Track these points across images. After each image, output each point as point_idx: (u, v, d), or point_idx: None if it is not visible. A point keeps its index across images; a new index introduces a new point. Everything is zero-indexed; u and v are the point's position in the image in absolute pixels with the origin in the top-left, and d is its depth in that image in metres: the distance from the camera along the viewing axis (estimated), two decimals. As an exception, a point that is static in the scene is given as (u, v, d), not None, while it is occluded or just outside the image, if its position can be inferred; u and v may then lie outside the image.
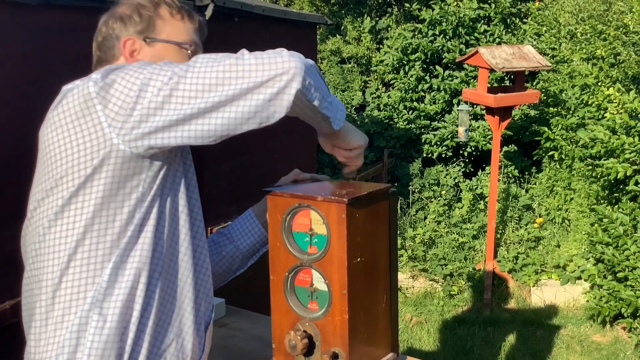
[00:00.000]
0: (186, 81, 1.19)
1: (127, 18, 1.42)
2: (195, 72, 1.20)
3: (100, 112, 1.20)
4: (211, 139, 1.22)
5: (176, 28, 1.45)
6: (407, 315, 5.60)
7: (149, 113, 1.19)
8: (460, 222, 6.64)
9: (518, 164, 7.21)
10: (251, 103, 1.20)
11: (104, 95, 1.19)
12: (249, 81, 1.19)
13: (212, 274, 1.65)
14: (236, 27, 3.15)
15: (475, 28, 7.51)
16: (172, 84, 1.19)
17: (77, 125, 1.21)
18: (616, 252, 5.08)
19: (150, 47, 1.42)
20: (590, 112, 6.22)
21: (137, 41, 1.41)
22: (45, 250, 1.27)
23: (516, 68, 5.30)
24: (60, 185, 1.24)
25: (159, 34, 1.43)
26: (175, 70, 1.20)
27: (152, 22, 1.43)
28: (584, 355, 4.96)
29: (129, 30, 1.42)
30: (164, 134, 1.20)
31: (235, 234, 1.70)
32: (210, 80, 1.19)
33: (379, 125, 7.68)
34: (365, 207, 1.49)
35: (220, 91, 1.19)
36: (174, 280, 1.36)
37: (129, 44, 1.41)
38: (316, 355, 1.53)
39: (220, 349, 1.80)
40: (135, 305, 1.28)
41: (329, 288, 1.48)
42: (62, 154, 1.23)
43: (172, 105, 1.19)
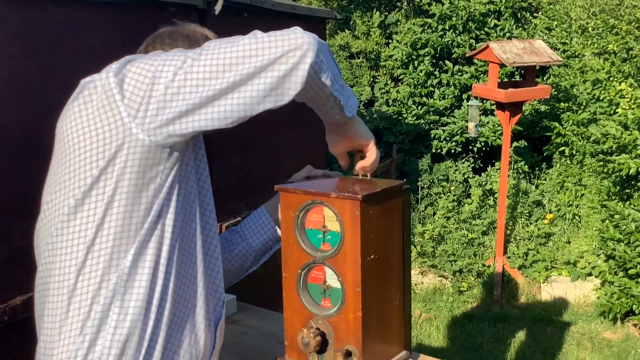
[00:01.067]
0: (200, 63, 1.18)
1: (195, 39, 1.54)
2: (210, 54, 1.19)
3: (119, 101, 1.19)
4: (229, 121, 1.21)
5: None
6: (417, 312, 5.58)
7: (166, 99, 1.18)
8: (469, 218, 6.61)
9: (528, 159, 7.17)
10: (266, 81, 1.19)
11: (122, 85, 1.19)
12: (262, 59, 1.18)
13: (225, 271, 1.64)
14: (245, 22, 3.13)
15: (486, 23, 7.46)
16: (187, 68, 1.18)
17: (97, 115, 1.20)
18: (627, 249, 5.05)
19: None
20: (601, 108, 6.17)
21: None
22: (61, 244, 1.25)
23: (527, 63, 5.26)
24: (78, 175, 1.22)
25: None
26: (188, 54, 1.20)
27: (198, 42, 1.51)
28: (594, 352, 4.93)
29: (193, 47, 1.43)
30: (183, 119, 1.19)
31: (248, 231, 1.69)
32: (225, 61, 1.18)
33: (387, 121, 7.65)
34: (379, 204, 1.47)
35: (235, 71, 1.18)
36: (187, 275, 1.35)
37: None
38: (329, 353, 1.52)
39: (232, 345, 1.78)
40: (153, 300, 1.27)
41: (342, 285, 1.47)
42: (80, 144, 1.22)
43: (188, 89, 1.18)
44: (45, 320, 1.30)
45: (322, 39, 4.53)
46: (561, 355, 4.89)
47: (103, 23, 2.37)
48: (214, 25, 2.88)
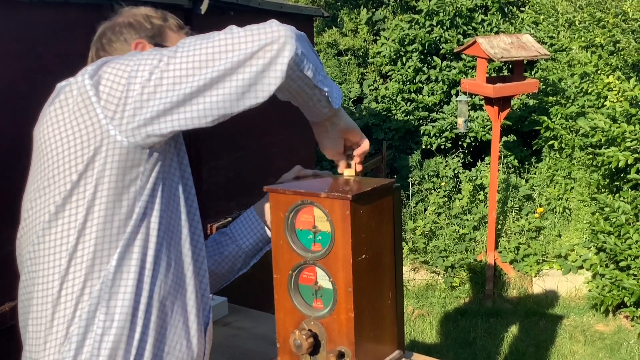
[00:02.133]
0: (176, 61, 1.16)
1: (138, 24, 1.45)
2: (185, 51, 1.17)
3: (95, 104, 1.16)
4: (208, 120, 1.19)
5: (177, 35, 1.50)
6: (409, 308, 5.58)
7: (143, 99, 1.16)
8: (460, 214, 6.62)
9: (518, 153, 7.19)
10: (244, 76, 1.16)
11: (97, 87, 1.17)
12: (239, 53, 1.16)
13: (215, 274, 1.63)
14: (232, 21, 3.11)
15: (473, 18, 7.46)
16: (163, 66, 1.16)
17: (74, 119, 1.18)
18: (618, 241, 5.07)
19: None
20: (590, 101, 6.19)
21: (147, 45, 1.43)
22: (43, 252, 1.23)
23: (515, 57, 5.26)
24: (57, 182, 1.20)
25: (167, 41, 1.46)
26: (164, 52, 1.18)
27: (163, 31, 1.47)
28: (587, 345, 4.95)
29: (139, 34, 1.44)
30: (161, 118, 1.17)
31: (237, 233, 1.67)
32: (201, 57, 1.16)
33: (377, 118, 7.65)
34: (370, 203, 1.46)
35: (212, 67, 1.15)
36: (176, 279, 1.33)
37: (140, 46, 1.42)
38: (322, 355, 1.50)
39: (223, 348, 1.77)
40: (140, 306, 1.25)
41: (334, 286, 1.45)
42: (58, 149, 1.19)
43: (164, 87, 1.16)
44: (30, 330, 1.27)
45: (310, 37, 4.51)
46: (554, 349, 4.90)
47: (88, 25, 2.35)
48: (201, 24, 2.87)
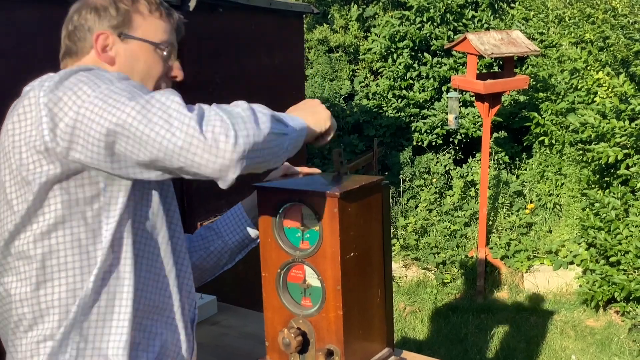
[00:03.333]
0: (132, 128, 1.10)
1: (103, 10, 1.33)
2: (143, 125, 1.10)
3: (45, 124, 1.14)
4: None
5: (153, 26, 1.36)
6: (401, 305, 5.59)
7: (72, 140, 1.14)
8: (451, 210, 6.63)
9: (508, 150, 7.20)
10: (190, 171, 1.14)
11: (51, 107, 1.14)
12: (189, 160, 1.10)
13: (200, 269, 1.62)
14: (221, 18, 3.09)
15: (463, 14, 7.46)
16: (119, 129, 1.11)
17: (29, 136, 1.16)
18: (608, 237, 5.08)
19: (125, 44, 1.33)
20: (580, 97, 6.20)
21: (110, 36, 1.32)
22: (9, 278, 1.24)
23: (505, 54, 5.26)
24: (10, 209, 1.20)
25: (135, 30, 1.34)
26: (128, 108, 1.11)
27: (129, 16, 1.34)
28: (578, 340, 4.96)
29: (103, 23, 1.33)
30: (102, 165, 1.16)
31: (224, 229, 1.65)
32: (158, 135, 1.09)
33: (368, 114, 7.64)
34: (358, 201, 1.46)
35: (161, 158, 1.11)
36: (156, 284, 1.32)
37: (101, 38, 1.32)
38: (311, 353, 1.50)
39: (212, 347, 1.76)
40: (117, 323, 1.25)
41: (323, 284, 1.45)
42: (12, 166, 1.19)
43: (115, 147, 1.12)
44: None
45: (300, 33, 4.50)
46: (545, 344, 4.92)
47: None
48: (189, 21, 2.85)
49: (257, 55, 3.48)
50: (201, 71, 2.93)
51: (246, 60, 3.38)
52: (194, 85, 2.83)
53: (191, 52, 2.83)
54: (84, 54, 1.34)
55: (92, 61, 1.32)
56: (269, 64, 3.62)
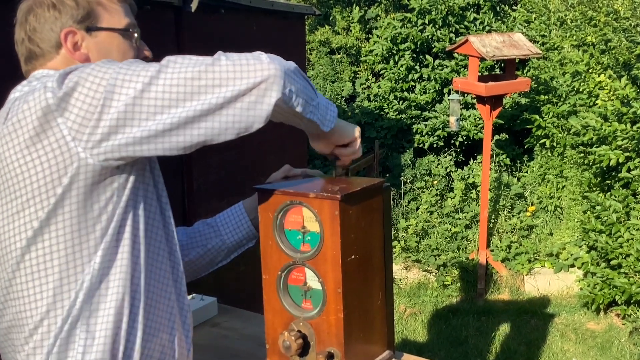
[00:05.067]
0: (158, 89, 1.08)
1: (61, 4, 1.25)
2: (168, 78, 1.09)
3: (62, 125, 1.09)
4: (186, 151, 1.15)
5: (115, 12, 1.31)
6: (401, 307, 5.58)
7: (119, 124, 1.09)
8: (452, 212, 6.62)
9: (509, 152, 7.19)
10: (228, 112, 1.12)
11: (64, 106, 1.08)
12: (226, 90, 1.11)
13: (196, 265, 1.62)
14: (223, 19, 3.09)
15: (465, 16, 7.46)
16: (144, 88, 1.08)
17: (38, 141, 1.10)
18: (609, 240, 5.07)
19: (94, 38, 1.28)
20: (581, 99, 6.20)
21: (78, 32, 1.26)
22: (20, 280, 1.19)
23: (507, 56, 5.26)
24: (27, 209, 1.14)
25: (100, 21, 1.28)
26: (148, 72, 1.09)
27: (91, 8, 1.27)
28: (578, 343, 4.96)
29: (65, 19, 1.25)
30: (137, 147, 1.11)
31: (223, 227, 1.64)
32: (186, 89, 1.09)
33: (369, 116, 7.64)
34: (359, 203, 1.45)
35: (197, 100, 1.10)
36: (157, 285, 1.30)
37: (70, 36, 1.25)
38: (311, 356, 1.49)
39: (212, 349, 1.76)
40: (123, 318, 1.22)
41: (323, 287, 1.44)
42: (24, 174, 1.13)
43: (143, 114, 1.09)
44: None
45: (302, 35, 4.49)
46: (545, 347, 4.91)
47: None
48: (191, 22, 2.85)
49: (258, 56, 3.49)
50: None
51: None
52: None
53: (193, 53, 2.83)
54: (52, 54, 1.27)
55: (63, 62, 1.26)
56: (270, 66, 3.62)
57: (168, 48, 2.67)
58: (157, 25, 2.61)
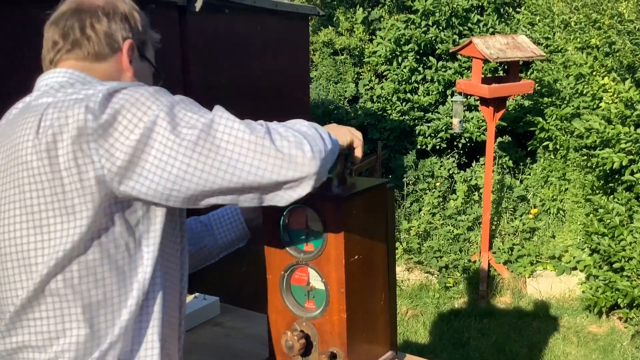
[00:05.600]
0: (206, 144, 1.08)
1: (133, 21, 1.31)
2: (220, 135, 1.09)
3: (93, 150, 1.07)
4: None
5: (152, 50, 1.40)
6: (403, 308, 5.57)
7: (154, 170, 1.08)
8: (455, 214, 6.61)
9: (512, 154, 7.18)
10: (257, 197, 1.16)
11: (101, 133, 1.06)
12: (263, 174, 1.11)
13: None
14: (227, 19, 3.09)
15: (469, 18, 7.45)
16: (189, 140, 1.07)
17: (69, 160, 1.07)
18: (612, 243, 5.06)
19: (141, 62, 1.34)
20: (585, 102, 6.19)
21: (135, 50, 1.31)
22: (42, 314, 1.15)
23: (510, 58, 5.26)
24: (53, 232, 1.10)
25: (147, 52, 1.37)
26: (198, 123, 1.08)
27: (147, 40, 1.36)
28: (580, 346, 4.95)
29: (131, 34, 1.30)
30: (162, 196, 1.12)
31: (217, 227, 1.64)
32: (232, 154, 1.09)
33: (372, 117, 7.64)
34: (362, 204, 1.45)
35: (237, 176, 1.10)
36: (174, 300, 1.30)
37: (131, 47, 1.29)
38: (314, 356, 1.49)
39: (215, 348, 1.76)
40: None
41: (326, 287, 1.44)
42: (45, 190, 1.09)
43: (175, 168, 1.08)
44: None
45: (305, 35, 4.49)
46: (547, 350, 4.90)
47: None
48: (195, 22, 2.85)
49: (262, 56, 3.48)
50: (207, 72, 2.93)
51: (251, 61, 3.38)
52: (200, 86, 2.83)
53: (197, 53, 2.83)
54: (103, 54, 1.27)
55: (111, 67, 1.27)
56: (274, 66, 3.62)
57: (172, 47, 2.67)
58: (162, 24, 2.62)
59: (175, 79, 2.71)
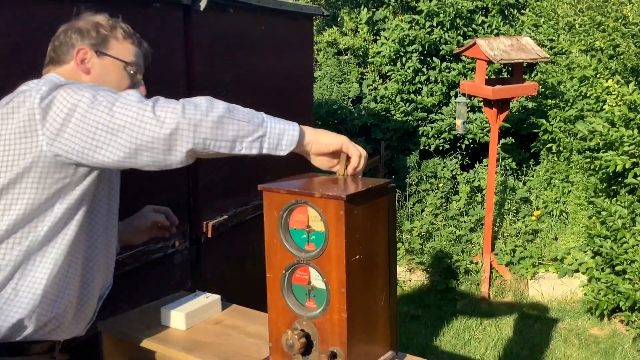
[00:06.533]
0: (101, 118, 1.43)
1: (85, 32, 1.69)
2: (114, 110, 1.43)
3: (38, 122, 1.45)
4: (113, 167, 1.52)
5: (125, 49, 1.72)
6: (404, 309, 5.58)
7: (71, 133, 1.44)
8: (457, 215, 6.61)
9: (516, 156, 7.18)
10: (145, 155, 1.43)
11: (44, 107, 1.45)
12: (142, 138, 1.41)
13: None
14: (231, 18, 3.10)
15: (473, 19, 7.45)
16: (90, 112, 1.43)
17: (20, 126, 1.46)
18: (614, 245, 5.06)
19: (100, 60, 1.69)
20: (588, 104, 6.18)
21: (89, 52, 1.68)
22: None
23: (514, 60, 5.25)
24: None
25: (109, 50, 1.70)
26: (106, 98, 1.44)
27: (107, 39, 1.70)
28: (581, 349, 4.94)
29: (84, 41, 1.68)
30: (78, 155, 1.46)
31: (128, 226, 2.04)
32: (120, 123, 1.42)
33: (375, 118, 7.64)
34: (364, 203, 1.45)
35: (123, 139, 1.42)
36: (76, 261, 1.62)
37: (81, 52, 1.67)
38: (314, 355, 1.50)
39: (215, 347, 1.76)
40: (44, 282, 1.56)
41: (327, 286, 1.45)
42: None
43: (85, 132, 1.44)
44: None
45: (310, 35, 4.49)
46: (548, 352, 4.90)
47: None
48: (200, 21, 2.85)
49: (266, 56, 3.48)
50: (211, 71, 2.94)
51: (255, 61, 3.38)
52: (203, 85, 2.83)
53: (201, 52, 2.83)
54: (64, 63, 1.69)
55: (70, 70, 1.67)
56: (278, 65, 3.62)
57: (176, 46, 2.68)
58: (166, 22, 2.61)
59: (180, 77, 2.71)
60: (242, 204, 3.18)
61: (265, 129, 1.47)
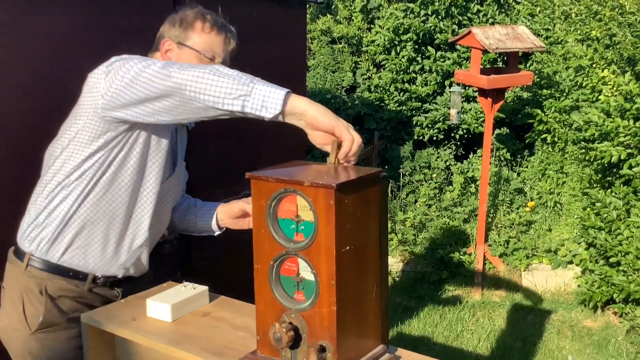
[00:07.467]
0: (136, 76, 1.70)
1: (173, 25, 2.00)
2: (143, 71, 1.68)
3: (102, 83, 1.77)
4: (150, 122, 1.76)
5: (203, 40, 1.98)
6: (397, 300, 5.55)
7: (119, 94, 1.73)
8: (451, 206, 6.58)
9: (510, 146, 7.14)
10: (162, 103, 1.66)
11: (105, 76, 1.76)
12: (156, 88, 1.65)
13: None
14: (224, 5, 3.03)
15: (468, 8, 7.39)
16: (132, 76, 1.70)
17: (93, 87, 1.80)
18: (608, 237, 5.03)
19: (179, 50, 1.98)
20: (584, 95, 6.14)
21: (172, 43, 1.99)
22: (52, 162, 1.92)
23: (510, 49, 5.20)
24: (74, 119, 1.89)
25: (188, 41, 1.97)
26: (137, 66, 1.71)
27: (187, 31, 1.97)
28: (574, 341, 4.92)
29: (171, 33, 1.99)
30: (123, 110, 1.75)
31: (199, 211, 2.23)
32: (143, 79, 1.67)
33: (369, 107, 7.58)
34: (355, 193, 1.41)
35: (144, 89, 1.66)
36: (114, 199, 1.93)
37: (166, 44, 1.99)
38: (302, 349, 1.45)
39: (202, 339, 1.71)
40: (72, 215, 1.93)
41: (316, 278, 1.40)
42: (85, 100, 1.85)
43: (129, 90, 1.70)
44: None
45: (303, 23, 4.44)
46: (541, 344, 4.88)
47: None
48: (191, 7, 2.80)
49: (259, 43, 3.42)
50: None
51: (248, 48, 3.31)
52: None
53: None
54: (157, 51, 2.02)
55: (159, 57, 1.99)
56: (270, 54, 3.56)
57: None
58: (157, 8, 2.56)
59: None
60: (234, 193, 3.14)
61: (250, 89, 1.52)
